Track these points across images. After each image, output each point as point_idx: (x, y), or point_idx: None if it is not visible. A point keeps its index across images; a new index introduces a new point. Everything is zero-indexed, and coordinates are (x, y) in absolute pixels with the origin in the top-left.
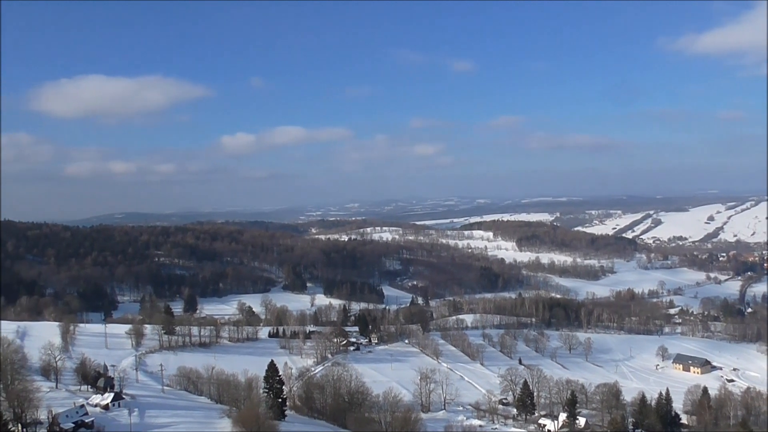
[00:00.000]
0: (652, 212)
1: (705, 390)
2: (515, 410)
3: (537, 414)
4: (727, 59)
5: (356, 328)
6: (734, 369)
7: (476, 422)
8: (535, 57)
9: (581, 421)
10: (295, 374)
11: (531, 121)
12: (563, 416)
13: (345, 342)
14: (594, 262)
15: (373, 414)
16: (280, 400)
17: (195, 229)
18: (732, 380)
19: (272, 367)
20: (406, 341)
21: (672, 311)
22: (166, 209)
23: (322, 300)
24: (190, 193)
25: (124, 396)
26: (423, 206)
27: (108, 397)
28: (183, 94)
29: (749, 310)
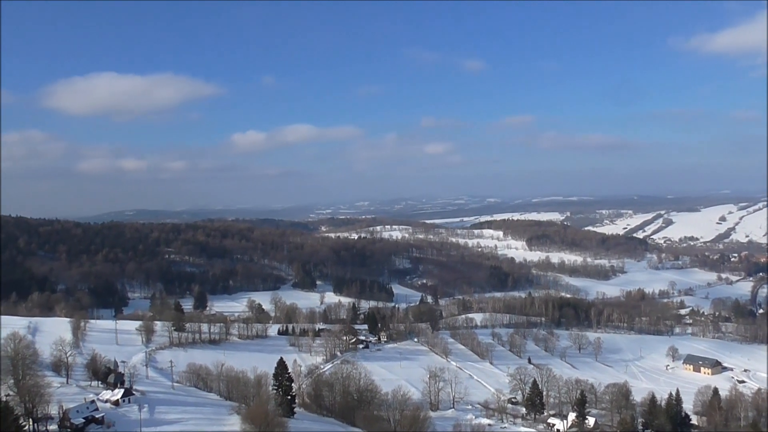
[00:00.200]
0: (663, 212)
1: (715, 391)
2: (524, 409)
3: (546, 413)
4: (739, 59)
5: (365, 326)
6: (745, 370)
7: (485, 421)
8: (546, 56)
9: (590, 420)
10: (305, 372)
11: (542, 120)
12: (572, 416)
13: (354, 340)
14: (604, 262)
15: (382, 412)
16: (289, 397)
17: (205, 227)
18: (743, 381)
19: (281, 365)
20: (416, 340)
21: (683, 312)
22: (177, 206)
23: (331, 298)
24: (201, 191)
25: (134, 392)
26: (433, 205)
27: (118, 393)
28: (195, 91)
29: (761, 311)
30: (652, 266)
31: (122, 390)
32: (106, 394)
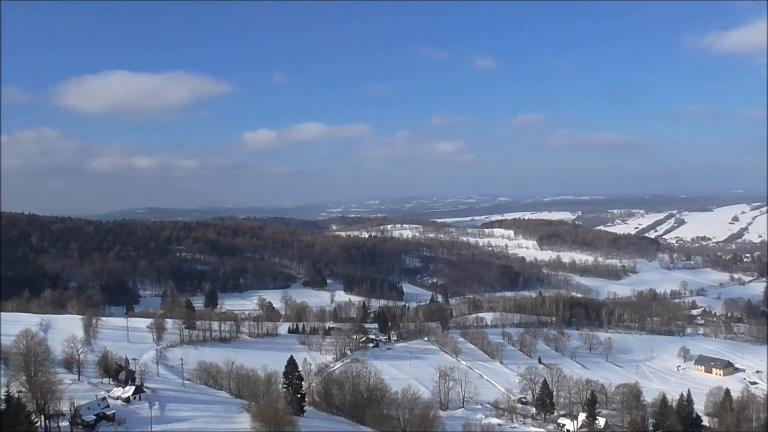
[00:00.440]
0: (675, 212)
1: (727, 392)
2: (534, 409)
3: (556, 413)
4: (753, 57)
5: (376, 325)
6: (757, 371)
7: (495, 421)
8: (558, 55)
9: (601, 421)
10: (315, 370)
11: (553, 119)
12: (583, 416)
13: (364, 339)
14: (616, 262)
15: (392, 411)
16: (299, 395)
17: (216, 225)
18: (755, 383)
19: (291, 363)
20: (426, 339)
21: (694, 312)
22: (188, 205)
23: (341, 296)
24: (212, 189)
25: (145, 389)
26: (444, 204)
27: (129, 390)
28: (206, 90)
29: None
30: (664, 266)
31: (133, 387)
32: (117, 392)
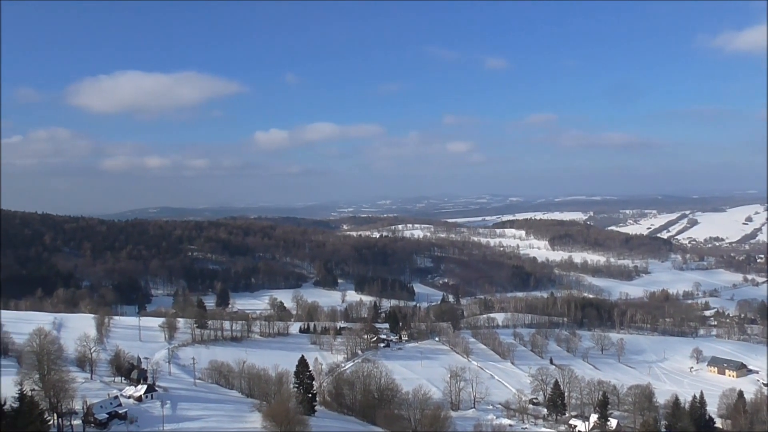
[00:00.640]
0: (688, 212)
1: (740, 394)
2: (546, 410)
3: (568, 414)
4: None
5: (387, 325)
6: None
7: (506, 421)
8: (569, 54)
9: (613, 422)
10: (326, 370)
11: (564, 118)
12: (594, 417)
13: (375, 339)
14: (628, 262)
15: (403, 411)
16: (310, 395)
17: (228, 224)
18: None
19: (303, 363)
20: (437, 339)
21: (707, 313)
22: (200, 204)
23: (352, 296)
24: (224, 189)
25: (156, 388)
26: (455, 204)
27: (141, 389)
28: (217, 89)
29: None
30: (677, 267)
31: (145, 386)
32: (130, 390)
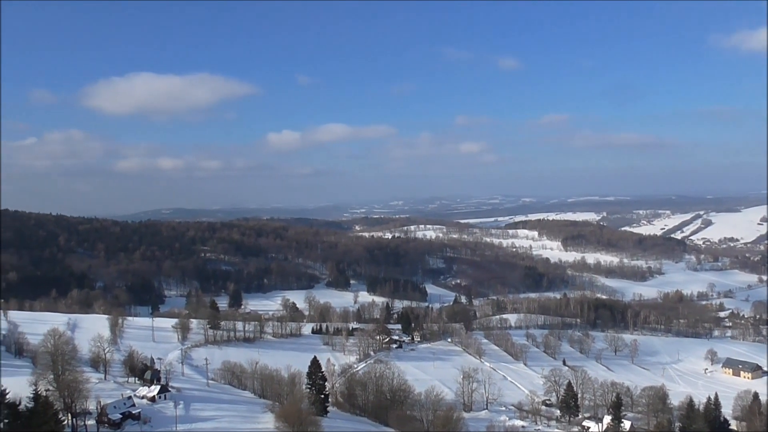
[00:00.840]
0: (702, 213)
1: (756, 395)
2: (559, 411)
3: (581, 416)
4: None
5: (399, 326)
6: None
7: (519, 423)
8: (582, 54)
9: (626, 424)
10: (338, 371)
11: (577, 119)
12: (608, 419)
13: (388, 339)
14: (641, 263)
15: (415, 412)
16: (323, 396)
17: (240, 225)
18: None
19: (315, 363)
20: (449, 340)
21: (722, 314)
22: (213, 205)
23: (365, 297)
24: (236, 190)
25: (170, 389)
26: (467, 204)
27: (154, 390)
28: (230, 91)
29: None
30: (691, 267)
31: (158, 386)
32: (143, 391)
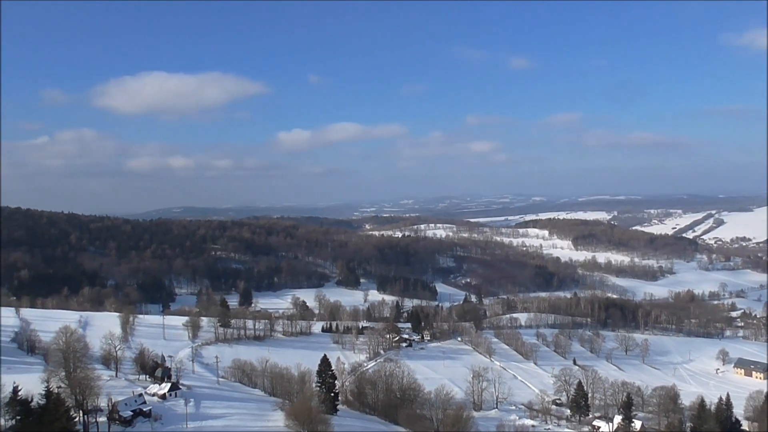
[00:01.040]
0: (714, 212)
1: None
2: (569, 411)
3: (591, 415)
4: None
5: (409, 325)
6: None
7: (529, 422)
8: (594, 54)
9: (637, 424)
10: (348, 369)
11: (588, 118)
12: (618, 419)
13: (397, 338)
14: (652, 263)
15: (425, 411)
16: (333, 394)
17: (251, 224)
18: None
19: (325, 362)
20: (459, 339)
21: (734, 314)
22: (223, 204)
23: (375, 296)
24: (247, 189)
25: (180, 386)
26: (477, 203)
27: (165, 387)
28: (241, 90)
29: None
30: (702, 267)
31: (169, 384)
32: (154, 388)
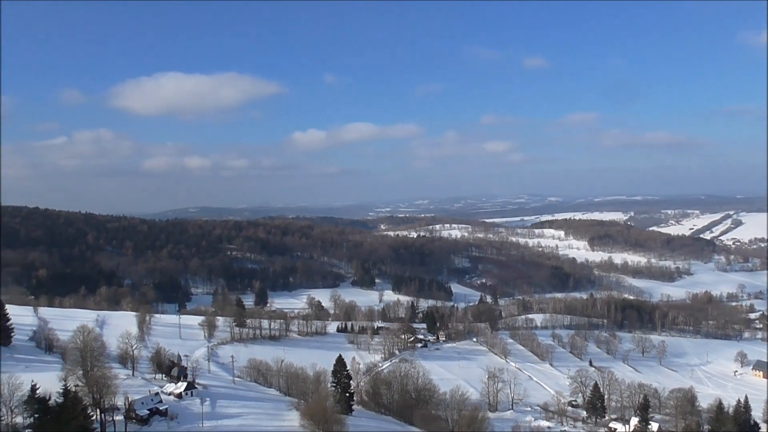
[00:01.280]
0: (732, 212)
1: None
2: (585, 413)
3: (607, 417)
4: None
5: (424, 325)
6: None
7: (544, 423)
8: (611, 53)
9: (654, 426)
10: (363, 369)
11: (605, 117)
12: (635, 421)
13: (413, 339)
14: (669, 263)
15: (440, 411)
16: (348, 394)
17: (266, 224)
18: None
19: (340, 362)
20: (474, 339)
21: (752, 315)
22: (239, 204)
23: (390, 296)
24: (263, 188)
25: (196, 385)
26: (493, 204)
27: (181, 386)
28: (257, 90)
29: None
30: (720, 268)
31: (185, 383)
32: (170, 387)
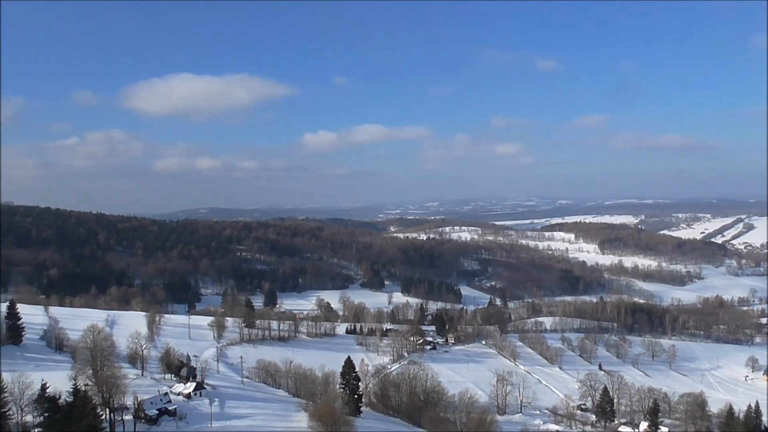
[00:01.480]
0: (744, 216)
1: None
2: (594, 416)
3: (617, 421)
4: None
5: (433, 328)
6: None
7: (553, 427)
8: (623, 56)
9: (663, 430)
10: (372, 371)
11: (616, 120)
12: (644, 425)
13: (421, 341)
14: (680, 267)
15: (448, 414)
16: (356, 396)
17: (276, 225)
18: None
19: (349, 364)
20: (483, 342)
21: (764, 320)
22: (249, 205)
23: (399, 298)
24: (273, 190)
25: (205, 386)
26: (503, 206)
27: (190, 387)
28: (268, 92)
29: None
30: (731, 272)
31: (194, 384)
32: (179, 387)
